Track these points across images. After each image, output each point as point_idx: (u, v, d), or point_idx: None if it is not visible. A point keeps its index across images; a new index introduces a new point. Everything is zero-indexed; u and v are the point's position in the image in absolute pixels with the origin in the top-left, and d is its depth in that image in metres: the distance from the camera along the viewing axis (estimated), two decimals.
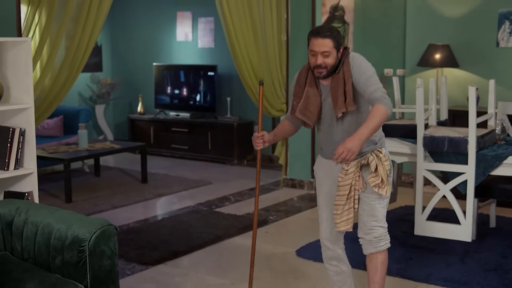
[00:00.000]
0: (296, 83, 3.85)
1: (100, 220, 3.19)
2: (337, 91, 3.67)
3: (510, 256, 5.17)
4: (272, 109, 7.50)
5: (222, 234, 5.77)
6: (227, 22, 6.85)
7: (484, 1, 7.21)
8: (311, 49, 3.65)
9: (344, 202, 3.79)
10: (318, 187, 3.98)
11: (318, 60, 3.63)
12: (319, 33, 3.64)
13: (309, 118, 3.77)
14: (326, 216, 3.96)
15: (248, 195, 7.37)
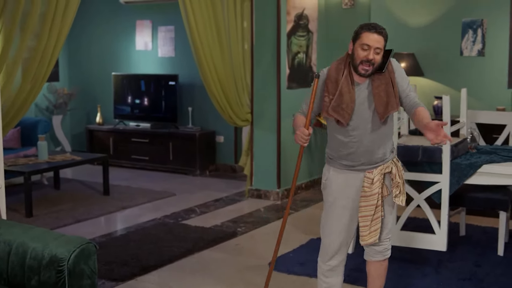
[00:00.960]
0: (327, 78, 3.70)
1: (78, 238, 3.04)
2: (385, 91, 3.63)
3: (483, 265, 5.17)
4: (237, 118, 7.40)
5: (192, 248, 5.63)
6: (192, 30, 6.73)
7: (448, 11, 7.26)
8: (365, 43, 3.54)
9: (373, 212, 3.75)
10: (333, 200, 3.83)
11: (370, 55, 3.55)
12: (375, 29, 3.57)
13: (342, 116, 3.63)
14: (339, 231, 3.85)
15: (213, 206, 7.24)
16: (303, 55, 7.73)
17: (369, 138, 3.70)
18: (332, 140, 3.80)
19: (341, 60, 3.73)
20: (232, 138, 9.18)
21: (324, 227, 3.90)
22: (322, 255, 3.93)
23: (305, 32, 7.74)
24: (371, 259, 3.99)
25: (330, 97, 3.66)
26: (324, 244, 3.90)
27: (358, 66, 3.58)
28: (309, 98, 3.78)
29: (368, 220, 3.76)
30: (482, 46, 7.10)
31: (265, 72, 7.39)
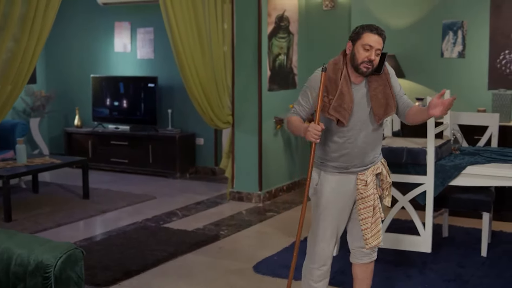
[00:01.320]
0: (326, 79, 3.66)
1: (65, 244, 2.98)
2: (383, 93, 3.66)
3: (467, 266, 5.18)
4: (218, 121, 7.35)
5: (175, 251, 5.57)
6: (174, 32, 6.67)
7: (428, 12, 7.27)
8: (368, 43, 3.55)
9: (371, 213, 3.74)
10: (326, 204, 3.80)
11: (372, 55, 3.56)
12: (377, 30, 3.59)
13: (343, 116, 3.63)
14: (331, 235, 3.84)
15: (195, 209, 7.18)
16: (284, 57, 7.71)
17: (363, 139, 3.71)
18: (325, 143, 3.76)
19: (337, 60, 3.71)
20: (212, 140, 9.12)
21: (316, 232, 3.86)
22: (315, 261, 3.88)
23: (285, 33, 7.72)
24: (358, 262, 3.96)
25: (329, 98, 3.64)
26: (317, 250, 3.86)
27: (359, 65, 3.59)
28: (303, 98, 3.76)
29: (369, 223, 3.75)
30: (463, 48, 7.13)
31: (246, 74, 7.36)
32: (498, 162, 4.96)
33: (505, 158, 5.04)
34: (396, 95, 3.76)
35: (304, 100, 3.77)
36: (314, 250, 3.87)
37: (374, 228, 3.79)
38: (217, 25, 7.24)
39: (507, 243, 5.79)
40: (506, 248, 5.66)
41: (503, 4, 6.89)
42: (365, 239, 3.79)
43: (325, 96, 3.64)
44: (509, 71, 6.91)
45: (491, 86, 7.00)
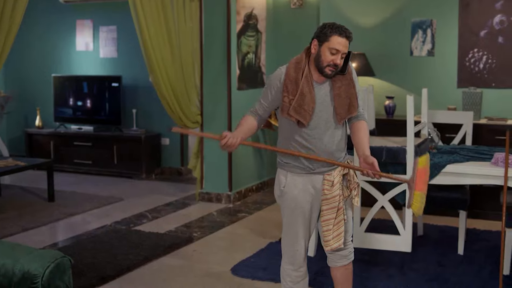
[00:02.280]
0: (287, 78, 3.58)
1: (52, 252, 2.84)
2: (346, 92, 3.59)
3: (446, 264, 5.17)
4: (187, 120, 7.22)
5: (149, 255, 5.43)
6: (143, 30, 6.53)
7: (397, 11, 7.27)
8: (335, 47, 3.47)
9: (335, 215, 3.66)
10: (295, 206, 3.71)
11: (338, 60, 3.49)
12: (345, 33, 3.51)
13: (304, 117, 3.55)
14: (304, 236, 3.76)
15: (164, 211, 7.05)
16: (252, 56, 7.62)
17: (328, 138, 3.64)
18: (289, 142, 3.67)
19: (299, 59, 3.62)
20: (178, 140, 8.99)
21: (288, 234, 3.78)
22: (292, 263, 3.80)
23: (254, 32, 7.64)
24: (336, 265, 3.87)
25: (290, 98, 3.56)
26: (292, 252, 3.78)
27: (324, 68, 3.52)
28: (264, 97, 3.69)
29: (331, 224, 3.66)
30: (432, 46, 7.14)
31: (215, 73, 7.24)
32: (476, 160, 4.96)
33: (482, 156, 5.04)
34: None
35: (264, 98, 3.69)
36: (290, 252, 3.79)
37: (336, 230, 3.68)
38: (185, 23, 7.12)
39: (482, 240, 5.81)
40: (481, 245, 5.68)
41: (471, 2, 6.93)
42: (326, 240, 3.70)
43: (285, 96, 3.57)
44: (478, 69, 6.95)
45: (460, 84, 7.03)
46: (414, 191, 3.55)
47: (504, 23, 6.83)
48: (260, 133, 7.89)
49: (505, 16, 6.82)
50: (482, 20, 6.92)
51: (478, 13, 6.92)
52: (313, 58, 3.57)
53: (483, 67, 6.93)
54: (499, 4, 6.83)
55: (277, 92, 3.62)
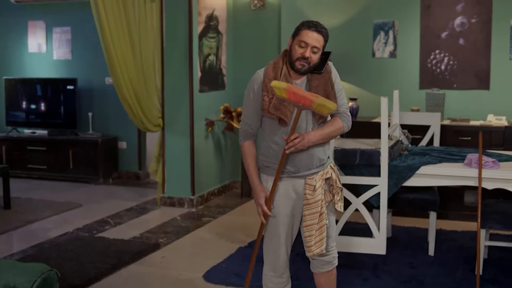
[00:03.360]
0: (266, 78, 3.53)
1: (38, 266, 2.69)
2: (324, 91, 3.54)
3: (419, 266, 5.17)
4: (149, 123, 7.06)
5: (117, 263, 5.28)
6: (104, 31, 6.34)
7: (359, 12, 7.27)
8: (303, 40, 3.44)
9: (317, 220, 3.59)
10: (278, 211, 3.63)
11: (307, 53, 3.44)
12: (316, 27, 3.47)
13: (285, 114, 3.49)
14: (285, 241, 3.69)
15: (127, 216, 6.88)
16: (213, 57, 7.51)
17: None
18: (268, 145, 3.62)
19: (278, 59, 3.60)
20: (135, 143, 8.82)
21: (271, 240, 3.70)
22: (274, 270, 3.73)
23: (215, 33, 7.53)
24: (320, 271, 3.81)
25: (269, 96, 3.51)
26: (274, 258, 3.71)
27: (294, 62, 3.49)
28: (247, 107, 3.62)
29: (313, 229, 3.60)
30: (394, 48, 7.17)
31: (176, 75, 7.12)
32: (448, 162, 4.97)
33: (453, 158, 5.06)
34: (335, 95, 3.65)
35: (246, 105, 3.63)
36: (272, 259, 3.72)
37: (318, 235, 3.62)
38: (146, 25, 6.96)
39: (450, 241, 5.84)
40: (450, 245, 5.71)
41: (433, 4, 6.98)
42: (308, 246, 3.63)
43: (265, 95, 3.52)
44: (440, 71, 7.00)
45: (422, 86, 7.08)
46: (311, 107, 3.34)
47: (465, 25, 6.90)
48: (221, 136, 7.79)
49: (466, 18, 6.89)
50: (443, 22, 6.97)
51: (439, 15, 6.97)
52: (287, 55, 3.56)
53: (444, 68, 6.99)
54: (459, 6, 6.90)
55: (258, 94, 3.57)
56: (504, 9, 6.77)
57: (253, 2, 7.83)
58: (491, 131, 6.39)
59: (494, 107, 6.81)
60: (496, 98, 6.84)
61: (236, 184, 8.13)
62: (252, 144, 3.67)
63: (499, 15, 6.78)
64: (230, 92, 7.92)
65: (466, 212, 6.56)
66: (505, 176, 4.63)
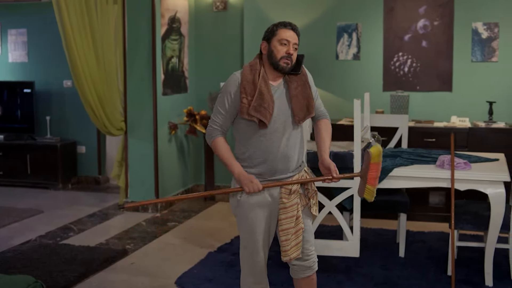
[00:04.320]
0: (244, 80, 3.49)
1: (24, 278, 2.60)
2: (303, 93, 3.54)
3: (391, 268, 5.19)
4: (112, 127, 6.93)
5: (86, 270, 5.15)
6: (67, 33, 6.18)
7: (322, 14, 7.28)
8: (284, 38, 3.47)
9: (294, 224, 3.56)
10: (254, 216, 3.57)
11: (291, 49, 3.47)
12: (291, 25, 3.53)
13: (265, 116, 3.45)
14: (263, 246, 3.64)
15: (90, 222, 6.74)
16: (176, 60, 7.42)
17: (286, 142, 3.56)
18: (245, 148, 3.58)
19: (253, 63, 3.57)
20: (95, 148, 8.66)
21: (247, 246, 3.64)
22: (253, 276, 3.68)
23: (177, 35, 7.45)
24: (301, 276, 3.77)
25: (248, 99, 3.47)
26: (252, 264, 3.65)
27: (279, 61, 3.47)
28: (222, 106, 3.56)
29: (290, 234, 3.57)
30: (357, 50, 7.20)
31: (139, 78, 7.01)
32: (419, 163, 4.99)
33: (424, 159, 5.08)
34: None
35: (222, 107, 3.57)
36: (249, 265, 3.67)
37: (294, 240, 3.59)
38: (108, 27, 6.83)
39: (419, 242, 5.88)
40: (419, 247, 5.74)
41: (396, 7, 7.03)
42: (284, 250, 3.59)
43: (243, 98, 3.48)
44: (403, 73, 7.06)
45: (386, 88, 7.12)
46: (366, 185, 3.50)
47: (428, 28, 6.97)
48: (184, 139, 7.70)
49: (428, 21, 6.96)
50: (406, 25, 7.03)
51: (402, 18, 7.03)
52: (267, 58, 3.53)
53: (407, 70, 7.05)
54: (422, 9, 6.97)
55: (235, 97, 3.52)
56: (465, 12, 6.86)
57: (215, 4, 7.77)
58: (455, 132, 6.47)
59: (457, 109, 6.90)
60: (458, 100, 6.93)
61: (199, 188, 8.05)
62: (225, 140, 3.61)
63: (461, 17, 6.88)
64: (192, 95, 7.84)
65: (431, 213, 6.63)
66: (477, 177, 4.67)
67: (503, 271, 5.05)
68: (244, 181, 3.48)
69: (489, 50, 6.84)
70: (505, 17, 6.79)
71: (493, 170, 4.75)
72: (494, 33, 6.82)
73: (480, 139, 6.45)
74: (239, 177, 3.50)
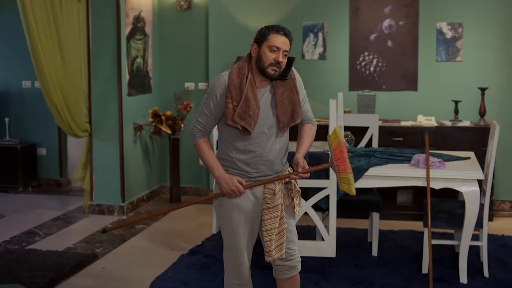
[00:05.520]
0: (230, 84, 3.43)
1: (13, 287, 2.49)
2: (289, 99, 3.49)
3: (366, 267, 5.20)
4: (77, 129, 6.79)
5: (56, 276, 5.01)
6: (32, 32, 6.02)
7: (288, 14, 7.27)
8: (274, 44, 3.39)
9: (277, 224, 3.53)
10: (237, 216, 3.53)
11: (280, 57, 3.39)
12: (283, 31, 3.44)
13: (249, 124, 3.41)
14: (246, 245, 3.60)
15: (55, 226, 6.59)
16: (140, 60, 7.32)
17: (271, 147, 3.53)
18: (229, 150, 3.54)
19: (241, 65, 3.51)
20: (56, 150, 8.48)
21: (231, 247, 3.60)
22: (238, 277, 3.63)
23: (142, 35, 7.34)
24: (284, 277, 3.74)
25: (234, 104, 3.43)
26: (236, 266, 3.61)
27: (267, 68, 3.41)
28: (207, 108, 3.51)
29: (273, 234, 3.54)
30: (323, 50, 7.21)
31: (104, 79, 6.88)
32: (393, 163, 5.02)
33: (397, 158, 5.10)
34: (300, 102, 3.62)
35: (207, 108, 3.52)
36: (233, 266, 3.63)
37: (278, 240, 3.57)
38: (73, 25, 6.69)
39: (390, 241, 5.92)
40: (391, 245, 5.78)
41: (361, 6, 7.07)
42: (268, 251, 3.56)
43: (229, 103, 3.43)
44: (369, 73, 7.10)
45: (352, 88, 7.15)
46: (339, 174, 3.46)
47: (393, 28, 7.03)
48: (148, 140, 7.61)
49: (394, 21, 7.02)
50: (371, 24, 7.07)
51: (368, 18, 7.06)
52: (255, 62, 3.47)
53: (373, 70, 7.09)
54: (387, 9, 7.02)
55: (221, 100, 3.47)
56: (430, 12, 6.94)
57: (179, 3, 7.68)
58: (422, 131, 6.53)
59: (423, 108, 6.98)
60: (424, 99, 7.01)
61: (164, 189, 7.96)
62: (208, 141, 3.57)
63: (425, 17, 6.95)
64: (156, 95, 7.75)
65: (399, 211, 6.68)
66: (452, 176, 4.71)
67: (475, 268, 5.11)
68: (224, 185, 3.46)
69: (453, 49, 6.93)
70: (469, 17, 6.89)
71: (467, 169, 4.81)
72: (458, 33, 6.91)
73: (447, 138, 6.53)
74: (220, 181, 3.48)
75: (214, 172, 3.50)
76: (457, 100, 6.74)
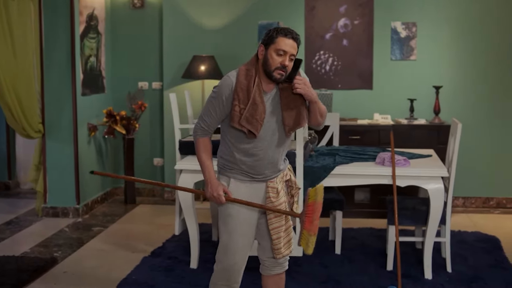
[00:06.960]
0: (238, 86, 3.38)
1: None
2: (295, 103, 3.45)
3: (331, 265, 5.23)
4: (31, 130, 6.60)
5: (17, 282, 4.86)
6: None
7: (244, 13, 7.25)
8: (282, 48, 3.33)
9: (283, 221, 3.55)
10: (236, 214, 3.52)
11: (286, 61, 3.34)
12: (291, 34, 3.38)
13: (255, 128, 3.38)
14: (244, 245, 3.57)
15: (9, 230, 6.40)
16: (94, 59, 7.18)
17: (275, 149, 3.53)
18: (232, 151, 3.52)
19: (249, 66, 3.47)
20: (4, 151, 8.24)
21: (228, 245, 3.56)
22: (228, 278, 3.60)
23: (95, 33, 7.20)
24: (270, 273, 3.75)
25: (241, 107, 3.39)
26: (229, 266, 3.57)
27: (272, 72, 3.37)
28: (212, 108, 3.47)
29: (281, 231, 3.58)
30: None
31: (57, 78, 6.72)
32: (357, 161, 5.05)
33: (361, 157, 5.14)
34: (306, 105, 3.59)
35: (213, 109, 3.50)
36: (226, 265, 3.58)
37: (286, 237, 3.62)
38: (25, 24, 6.50)
39: (350, 238, 5.96)
40: (353, 243, 5.83)
41: (317, 5, 7.10)
42: (277, 249, 3.59)
43: (236, 105, 3.40)
44: (325, 71, 7.14)
45: None
46: (303, 230, 3.48)
47: (348, 27, 7.09)
48: (102, 141, 7.47)
49: (349, 20, 7.08)
50: (327, 23, 7.12)
51: (323, 16, 7.11)
52: (261, 64, 3.43)
53: (329, 69, 7.14)
54: (343, 8, 7.07)
55: (227, 102, 3.44)
56: (385, 11, 7.03)
57: (132, 1, 7.57)
58: (379, 129, 6.62)
59: (378, 106, 7.06)
60: (379, 98, 7.09)
61: (118, 190, 7.84)
62: (209, 141, 3.56)
63: (380, 17, 7.04)
64: (109, 95, 7.62)
65: (356, 209, 6.74)
66: (417, 173, 4.78)
67: (438, 264, 5.20)
68: (209, 189, 3.50)
69: (408, 49, 7.04)
70: (423, 17, 7.01)
71: (431, 166, 4.89)
72: (412, 32, 7.02)
73: (403, 136, 6.62)
74: (207, 183, 3.52)
75: (205, 174, 3.52)
76: (412, 98, 6.84)
